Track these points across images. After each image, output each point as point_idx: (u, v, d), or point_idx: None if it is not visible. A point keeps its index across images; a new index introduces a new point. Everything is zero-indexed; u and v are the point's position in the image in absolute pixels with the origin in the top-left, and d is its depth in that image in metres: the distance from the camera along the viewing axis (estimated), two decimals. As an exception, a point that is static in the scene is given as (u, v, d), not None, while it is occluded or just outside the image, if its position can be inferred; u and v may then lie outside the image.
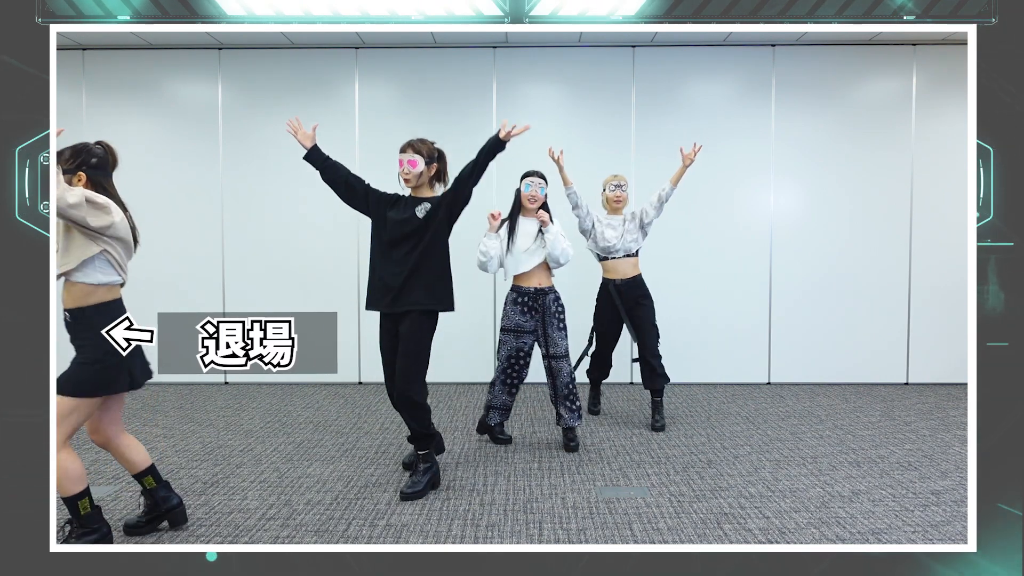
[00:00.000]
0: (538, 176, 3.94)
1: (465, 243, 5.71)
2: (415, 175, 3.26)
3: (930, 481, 3.43)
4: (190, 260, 5.67)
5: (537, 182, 3.91)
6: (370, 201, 3.35)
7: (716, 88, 5.60)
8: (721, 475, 3.51)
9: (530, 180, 3.92)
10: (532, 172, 3.95)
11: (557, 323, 3.89)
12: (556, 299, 3.92)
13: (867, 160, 5.57)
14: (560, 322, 3.90)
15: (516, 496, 3.23)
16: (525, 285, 3.90)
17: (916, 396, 5.25)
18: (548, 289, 3.91)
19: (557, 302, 3.92)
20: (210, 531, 2.84)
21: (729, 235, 5.61)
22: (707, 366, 5.66)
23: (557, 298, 3.93)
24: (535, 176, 3.93)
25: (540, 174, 3.95)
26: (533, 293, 3.89)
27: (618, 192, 4.29)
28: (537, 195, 3.89)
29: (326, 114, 5.59)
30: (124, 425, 2.88)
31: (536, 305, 3.90)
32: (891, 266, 5.61)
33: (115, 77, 5.61)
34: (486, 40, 5.52)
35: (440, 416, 4.69)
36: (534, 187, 3.90)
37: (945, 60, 5.51)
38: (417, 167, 3.26)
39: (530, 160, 5.62)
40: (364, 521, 2.95)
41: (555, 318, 3.88)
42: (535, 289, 3.89)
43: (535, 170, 3.97)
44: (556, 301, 3.91)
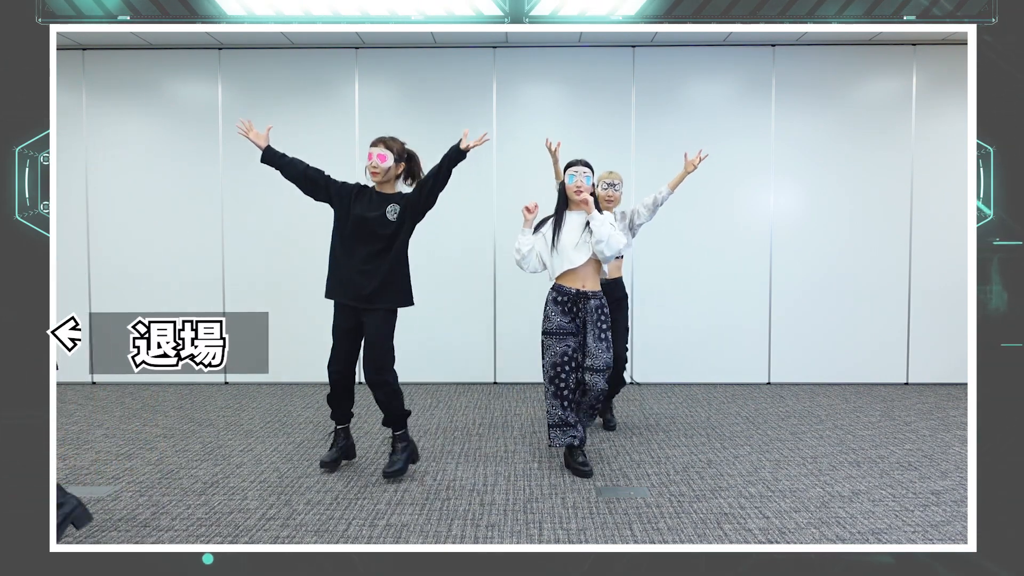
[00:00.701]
0: (583, 165, 3.55)
1: (466, 241, 5.73)
2: (383, 169, 3.31)
3: (930, 481, 3.43)
4: (190, 260, 5.67)
5: (582, 171, 3.52)
6: (331, 192, 3.40)
7: (716, 88, 5.60)
8: (721, 475, 3.51)
9: (574, 170, 3.53)
10: (576, 161, 3.57)
11: (598, 332, 3.49)
12: (600, 306, 3.52)
13: (867, 160, 5.57)
14: (602, 332, 3.49)
15: (516, 496, 3.23)
16: (567, 285, 3.51)
17: (916, 396, 5.25)
18: (592, 293, 3.51)
19: (600, 310, 3.51)
20: (210, 531, 2.84)
21: (729, 235, 5.61)
22: (707, 366, 5.66)
23: (602, 305, 3.53)
24: (579, 165, 3.54)
25: (585, 162, 3.57)
26: (574, 295, 3.49)
27: (610, 191, 4.05)
28: (583, 186, 3.50)
29: (326, 114, 5.59)
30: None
31: (576, 309, 3.50)
32: (891, 266, 5.61)
33: (115, 77, 5.61)
34: (486, 40, 5.52)
35: (440, 416, 4.70)
36: (579, 177, 3.51)
37: (945, 60, 5.51)
38: (386, 162, 3.31)
39: (529, 160, 5.64)
40: (364, 521, 2.95)
41: (596, 327, 3.49)
42: (576, 291, 3.49)
43: (579, 159, 3.60)
44: (600, 308, 3.51)
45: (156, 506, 3.10)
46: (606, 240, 3.37)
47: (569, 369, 3.50)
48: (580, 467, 3.47)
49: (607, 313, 3.55)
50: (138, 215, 5.67)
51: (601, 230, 3.38)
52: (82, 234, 5.66)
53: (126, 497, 3.21)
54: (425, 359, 5.68)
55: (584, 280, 3.50)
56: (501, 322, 5.68)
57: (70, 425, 4.47)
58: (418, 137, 5.63)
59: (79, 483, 3.39)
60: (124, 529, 2.85)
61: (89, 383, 5.70)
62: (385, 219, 3.31)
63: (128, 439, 4.16)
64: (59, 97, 5.56)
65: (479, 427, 4.42)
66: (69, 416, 4.70)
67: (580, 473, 3.46)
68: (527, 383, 5.68)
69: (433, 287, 5.66)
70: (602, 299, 3.55)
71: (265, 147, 3.41)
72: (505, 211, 5.63)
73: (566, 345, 3.50)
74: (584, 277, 3.50)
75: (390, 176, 3.37)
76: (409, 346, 5.67)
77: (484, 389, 5.53)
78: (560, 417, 3.51)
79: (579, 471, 3.47)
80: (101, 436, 4.23)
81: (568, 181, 3.53)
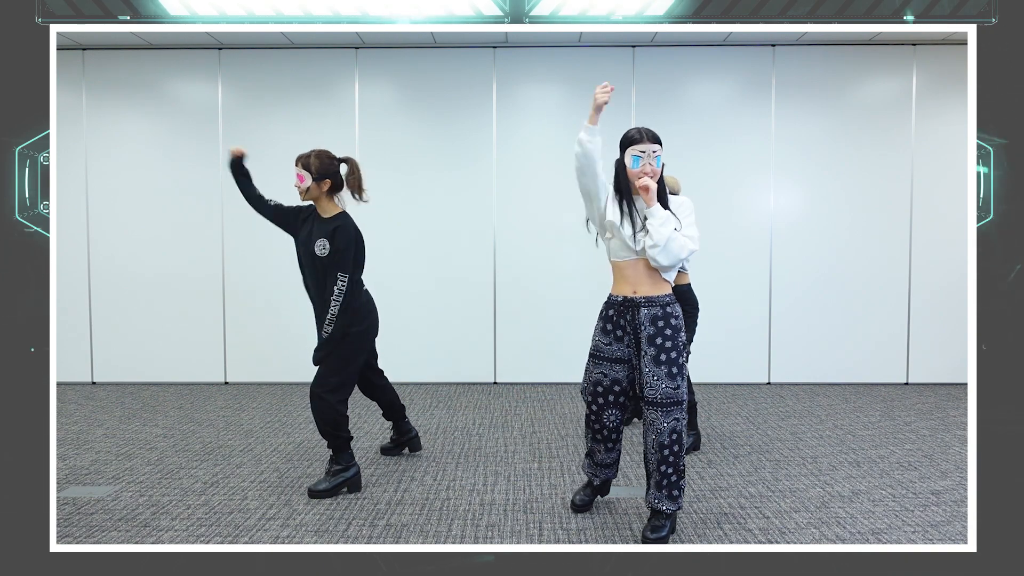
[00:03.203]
0: (651, 141, 2.63)
1: (466, 241, 5.73)
2: (302, 190, 3.19)
3: (930, 481, 3.43)
4: (190, 260, 5.67)
5: (651, 151, 2.62)
6: (292, 221, 3.31)
7: (716, 88, 5.60)
8: (721, 475, 3.51)
9: (639, 150, 2.63)
10: (640, 134, 2.64)
11: (656, 352, 2.64)
12: (661, 316, 2.65)
13: (867, 160, 5.57)
14: (662, 352, 2.64)
15: (516, 496, 3.23)
16: (615, 292, 2.76)
17: (916, 396, 5.25)
18: (646, 300, 2.67)
19: (661, 321, 2.65)
20: (210, 531, 2.84)
21: (729, 235, 5.61)
22: (707, 366, 5.66)
23: (664, 316, 2.66)
24: (647, 142, 2.63)
25: (654, 136, 2.65)
26: (621, 304, 2.72)
27: None
28: (652, 169, 2.64)
29: (326, 114, 5.59)
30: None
31: (624, 322, 2.72)
32: (891, 266, 5.61)
33: (115, 77, 5.61)
34: (486, 40, 5.52)
35: (440, 416, 4.70)
36: (646, 159, 2.63)
37: (945, 60, 5.51)
38: (304, 182, 3.17)
39: (529, 160, 5.65)
40: (364, 521, 2.95)
41: (652, 344, 2.65)
42: (624, 299, 2.71)
43: (644, 130, 2.65)
44: (660, 320, 2.65)
45: (156, 506, 3.10)
46: (663, 245, 2.58)
47: (604, 403, 2.81)
48: (574, 499, 3.04)
49: (673, 326, 2.66)
50: (138, 215, 5.67)
51: (661, 232, 2.58)
52: (82, 234, 5.66)
53: (126, 497, 3.21)
54: (425, 359, 5.68)
55: (636, 284, 2.69)
56: (501, 322, 5.68)
57: (70, 425, 4.47)
58: (418, 137, 5.68)
59: (79, 483, 3.39)
60: (124, 529, 2.85)
61: (89, 383, 5.70)
62: (315, 255, 3.16)
63: (128, 439, 4.16)
64: (59, 97, 5.56)
65: (479, 427, 4.42)
66: (69, 416, 4.70)
67: (573, 505, 3.03)
68: (527, 383, 5.68)
69: (433, 287, 5.67)
70: (666, 307, 2.67)
71: (238, 156, 3.37)
72: (505, 210, 5.63)
73: (602, 373, 2.78)
74: (636, 280, 2.69)
75: (313, 196, 3.20)
76: (409, 346, 5.69)
77: (484, 389, 5.53)
78: (592, 448, 2.97)
79: (572, 502, 3.04)
80: (101, 436, 4.23)
81: (632, 165, 2.64)
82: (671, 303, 2.70)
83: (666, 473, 2.67)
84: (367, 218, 5.70)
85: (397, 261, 5.63)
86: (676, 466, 2.67)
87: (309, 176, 3.16)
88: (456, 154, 5.64)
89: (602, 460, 2.96)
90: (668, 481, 2.68)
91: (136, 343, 5.69)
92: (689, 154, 5.50)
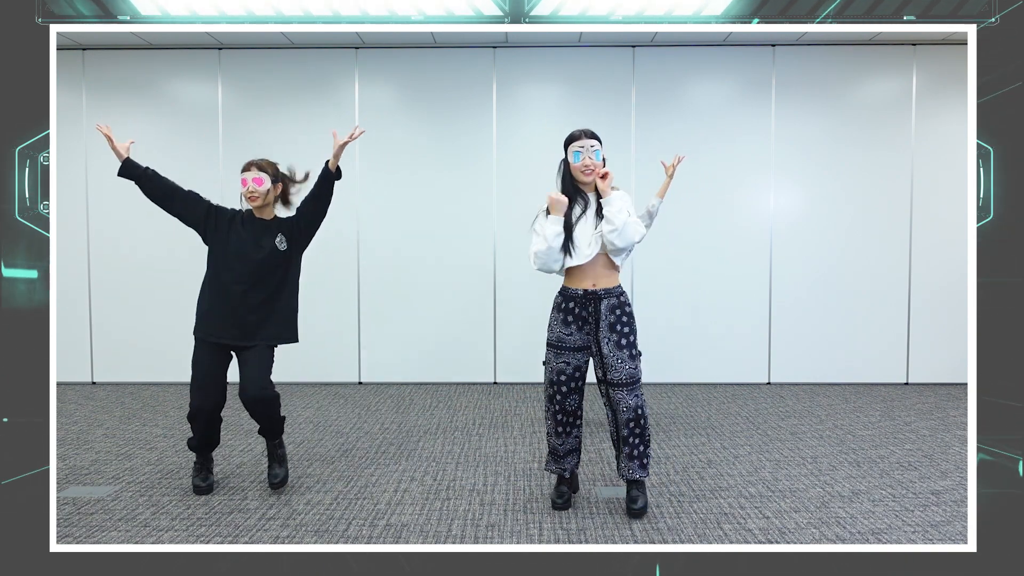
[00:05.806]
0: (588, 137, 2.92)
1: (466, 241, 5.73)
2: (261, 194, 3.14)
3: (930, 481, 3.43)
4: (190, 260, 5.67)
5: (589, 145, 2.89)
6: (210, 214, 3.27)
7: (716, 88, 5.60)
8: (721, 475, 3.51)
9: (579, 146, 2.90)
10: (579, 133, 2.93)
11: (617, 338, 2.90)
12: (617, 305, 2.92)
13: (867, 160, 5.57)
14: (622, 336, 2.90)
15: (516, 496, 3.23)
16: (573, 286, 2.95)
17: (916, 396, 5.25)
18: (605, 292, 2.92)
19: (619, 310, 2.92)
20: (210, 531, 2.84)
21: (729, 235, 5.61)
22: (707, 366, 5.66)
23: (620, 305, 2.93)
24: (584, 138, 2.91)
25: (591, 133, 2.93)
26: (582, 297, 2.93)
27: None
28: (592, 163, 2.89)
29: (326, 114, 5.59)
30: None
31: (585, 313, 2.94)
32: (891, 266, 5.61)
33: (115, 77, 5.61)
34: (486, 40, 5.52)
35: (440, 416, 4.70)
36: (585, 153, 2.90)
37: (945, 60, 5.51)
38: (263, 185, 3.14)
39: (529, 160, 5.65)
40: (364, 521, 2.95)
41: (613, 331, 2.90)
42: (585, 292, 2.92)
43: (582, 129, 2.95)
44: (617, 309, 2.92)
45: (156, 506, 3.10)
46: (620, 228, 2.81)
47: (567, 391, 2.97)
48: (554, 499, 3.06)
49: (628, 314, 2.94)
50: (138, 215, 5.66)
51: (619, 216, 2.81)
52: (82, 234, 5.66)
53: (126, 497, 3.21)
54: (425, 359, 5.68)
55: (595, 277, 2.93)
56: (501, 322, 5.68)
57: (70, 425, 4.47)
58: (418, 137, 5.68)
59: (79, 483, 3.39)
60: (124, 529, 2.85)
61: (89, 383, 5.70)
62: (276, 250, 3.15)
63: (128, 439, 4.16)
64: (59, 97, 5.56)
65: (479, 427, 4.42)
66: (69, 416, 4.70)
67: (553, 504, 3.05)
68: (527, 383, 5.68)
69: (433, 287, 5.67)
70: (619, 297, 2.94)
71: (125, 159, 3.27)
72: (505, 210, 5.63)
73: (564, 362, 2.95)
74: (595, 274, 2.93)
75: (269, 199, 3.19)
76: (409, 346, 5.69)
77: (484, 389, 5.53)
78: (552, 444, 3.07)
79: (553, 502, 3.06)
80: (101, 436, 4.23)
81: (573, 160, 2.92)
82: (623, 293, 2.99)
83: (635, 445, 2.93)
84: (367, 218, 5.71)
85: (397, 261, 5.63)
86: (643, 437, 2.94)
87: (267, 178, 3.17)
88: (456, 154, 5.64)
89: (565, 450, 3.08)
90: (638, 451, 2.94)
91: (136, 343, 5.69)
92: (689, 154, 5.48)
